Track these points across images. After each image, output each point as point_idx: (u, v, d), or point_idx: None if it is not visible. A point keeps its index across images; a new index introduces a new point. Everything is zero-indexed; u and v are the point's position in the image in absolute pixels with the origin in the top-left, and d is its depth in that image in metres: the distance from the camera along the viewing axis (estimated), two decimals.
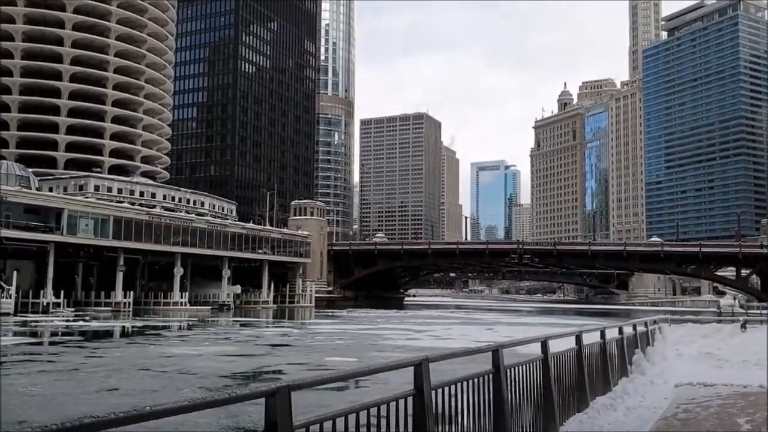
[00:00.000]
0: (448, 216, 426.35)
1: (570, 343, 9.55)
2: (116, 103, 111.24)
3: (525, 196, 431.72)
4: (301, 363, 25.06)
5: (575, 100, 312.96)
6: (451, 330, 46.89)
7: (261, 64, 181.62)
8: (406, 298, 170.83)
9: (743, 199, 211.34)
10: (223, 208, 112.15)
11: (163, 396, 16.78)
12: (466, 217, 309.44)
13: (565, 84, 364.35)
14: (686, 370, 13.67)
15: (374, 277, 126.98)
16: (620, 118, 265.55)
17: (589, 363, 9.74)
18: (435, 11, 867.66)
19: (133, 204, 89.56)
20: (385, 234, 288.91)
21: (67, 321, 52.58)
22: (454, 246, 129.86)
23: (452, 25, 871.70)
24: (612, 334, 11.56)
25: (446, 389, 5.44)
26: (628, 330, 13.01)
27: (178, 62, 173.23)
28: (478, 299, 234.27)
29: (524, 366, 7.46)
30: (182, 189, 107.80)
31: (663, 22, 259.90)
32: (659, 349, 15.06)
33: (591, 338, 11.38)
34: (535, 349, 8.10)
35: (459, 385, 5.76)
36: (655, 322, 16.61)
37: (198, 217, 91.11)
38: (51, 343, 36.39)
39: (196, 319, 63.44)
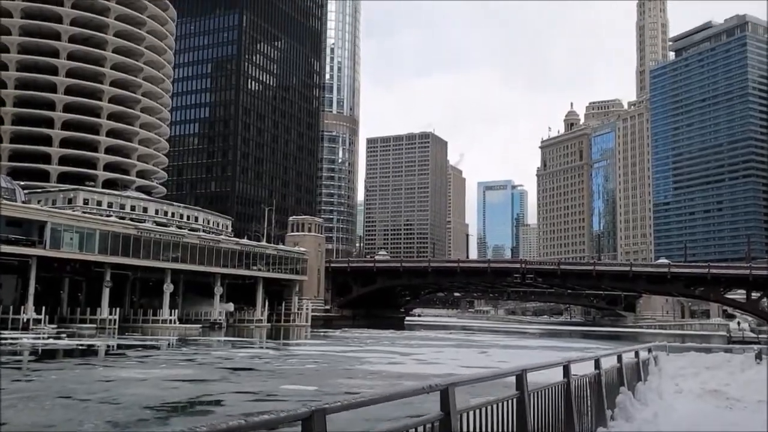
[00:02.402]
0: (454, 235, 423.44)
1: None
2: (112, 117, 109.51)
3: (532, 216, 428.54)
4: (250, 392, 22.41)
5: (582, 120, 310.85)
6: (442, 353, 43.99)
7: (265, 80, 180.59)
8: (409, 318, 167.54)
9: (753, 221, 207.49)
10: (218, 224, 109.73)
11: None
12: (467, 235, 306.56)
13: (571, 104, 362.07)
14: (687, 412, 10.93)
15: (374, 295, 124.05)
16: (627, 139, 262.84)
17: (542, 410, 6.97)
18: (447, 31, 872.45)
19: (123, 218, 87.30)
20: (390, 253, 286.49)
21: (38, 338, 49.91)
22: (455, 264, 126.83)
23: (463, 44, 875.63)
24: (585, 368, 8.81)
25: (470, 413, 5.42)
26: (610, 361, 10.24)
27: (182, 77, 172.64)
28: (483, 320, 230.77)
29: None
30: (175, 204, 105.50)
31: (670, 43, 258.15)
32: (654, 385, 12.28)
33: (568, 370, 8.67)
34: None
35: (483, 409, 5.68)
36: (650, 350, 13.76)
37: (190, 232, 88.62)
38: None
39: (177, 338, 60.64)
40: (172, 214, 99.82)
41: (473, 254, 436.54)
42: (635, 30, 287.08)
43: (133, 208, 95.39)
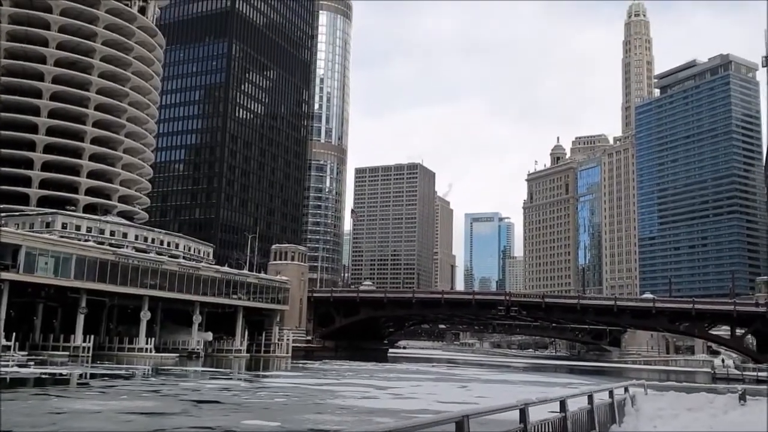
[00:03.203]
0: (441, 267, 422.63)
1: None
2: (95, 141, 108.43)
3: (519, 249, 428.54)
4: (207, 427, 21.19)
5: (568, 155, 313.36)
6: (420, 387, 42.71)
7: (254, 108, 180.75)
8: (393, 350, 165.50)
9: (737, 257, 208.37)
10: (199, 251, 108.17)
11: None
12: (452, 266, 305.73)
13: (558, 138, 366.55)
14: None
15: (357, 326, 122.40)
16: (613, 173, 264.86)
17: None
18: (438, 63, 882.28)
19: (102, 243, 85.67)
20: (376, 283, 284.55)
21: (5, 366, 48.09)
22: (440, 295, 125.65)
23: (455, 77, 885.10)
24: (545, 410, 7.89)
25: None
26: (579, 402, 9.32)
27: (170, 104, 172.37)
28: (469, 353, 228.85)
29: None
30: (156, 229, 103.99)
31: (655, 80, 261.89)
32: (629, 428, 11.36)
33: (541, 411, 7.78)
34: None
35: None
36: (626, 389, 12.85)
37: (169, 259, 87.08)
38: None
39: (151, 367, 58.88)
40: (152, 240, 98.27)
41: (460, 286, 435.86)
42: (621, 67, 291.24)
43: (112, 233, 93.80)
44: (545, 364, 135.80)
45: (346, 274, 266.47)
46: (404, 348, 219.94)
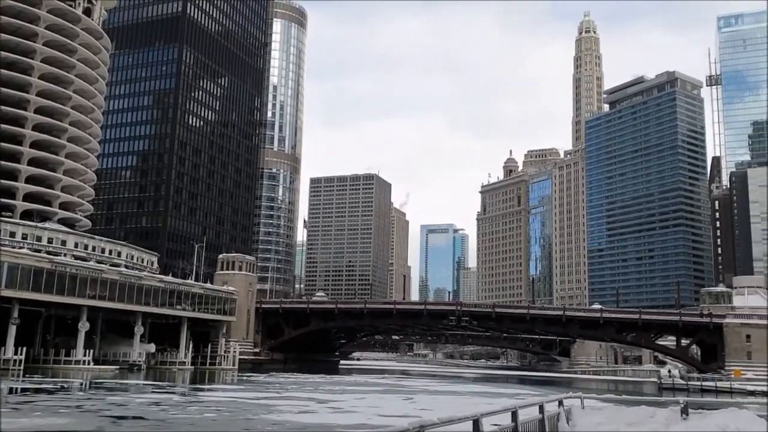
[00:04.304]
0: (396, 278, 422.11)
1: None
2: (34, 145, 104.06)
3: (473, 260, 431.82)
4: None
5: (520, 167, 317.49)
6: (364, 400, 41.42)
7: (204, 115, 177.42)
8: (346, 362, 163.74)
9: (683, 269, 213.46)
10: (143, 260, 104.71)
11: None
12: (404, 277, 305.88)
13: (510, 151, 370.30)
14: None
15: (307, 338, 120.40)
16: (564, 186, 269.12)
17: None
18: (398, 76, 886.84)
19: (39, 251, 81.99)
20: (331, 294, 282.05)
21: None
22: (391, 306, 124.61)
23: (413, 90, 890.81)
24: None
25: None
26: (505, 419, 8.25)
27: (118, 109, 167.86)
28: (422, 364, 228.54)
29: None
30: (97, 237, 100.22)
31: (605, 95, 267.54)
32: None
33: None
34: None
35: None
36: (560, 403, 11.88)
37: (110, 267, 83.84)
38: None
39: (85, 381, 56.04)
40: (93, 248, 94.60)
41: (415, 297, 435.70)
42: (572, 82, 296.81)
43: (50, 240, 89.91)
44: (497, 375, 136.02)
45: (299, 286, 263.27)
46: (358, 359, 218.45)
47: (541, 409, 10.35)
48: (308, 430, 22.77)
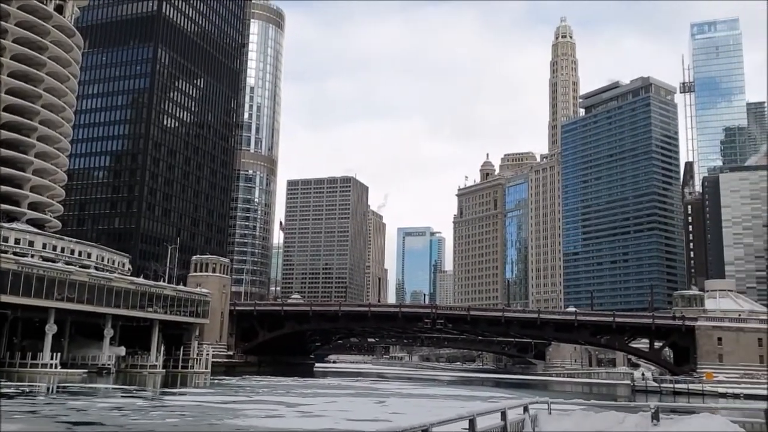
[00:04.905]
0: (373, 280, 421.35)
1: None
2: (2, 144, 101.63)
3: (450, 263, 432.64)
4: None
5: (497, 171, 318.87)
6: (335, 404, 40.76)
7: (180, 116, 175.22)
8: (321, 365, 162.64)
9: (656, 272, 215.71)
10: (114, 261, 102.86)
11: None
12: (379, 279, 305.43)
13: (487, 155, 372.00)
14: None
15: (282, 340, 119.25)
16: (540, 190, 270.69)
17: None
18: (377, 80, 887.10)
19: (5, 252, 79.98)
20: (307, 297, 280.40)
21: None
22: (366, 309, 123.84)
23: (391, 94, 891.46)
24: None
25: None
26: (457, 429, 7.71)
27: (92, 108, 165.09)
28: (398, 366, 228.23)
29: None
30: (66, 238, 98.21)
31: (581, 100, 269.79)
32: None
33: None
34: None
35: None
36: (525, 408, 11.42)
37: (79, 269, 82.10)
38: None
39: (51, 385, 54.62)
40: (62, 249, 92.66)
41: (392, 300, 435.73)
42: (549, 87, 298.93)
43: (17, 241, 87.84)
44: (472, 378, 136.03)
45: (275, 288, 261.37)
46: (334, 362, 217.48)
47: (504, 415, 9.87)
48: None
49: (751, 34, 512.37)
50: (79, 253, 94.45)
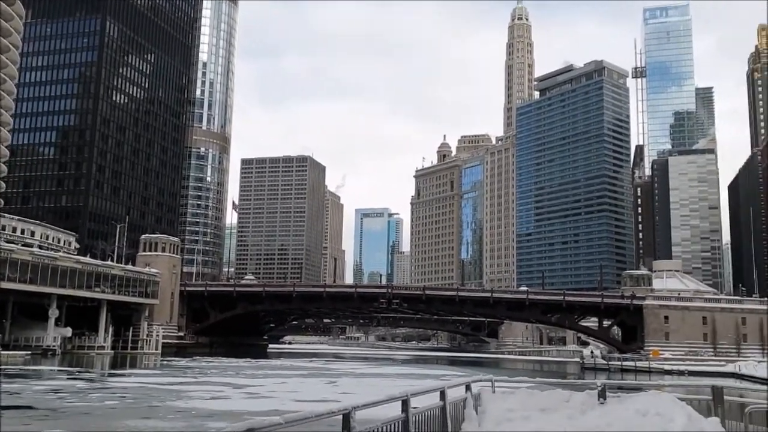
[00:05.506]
0: (330, 261, 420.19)
1: None
2: None
3: (407, 244, 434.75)
4: None
5: (454, 153, 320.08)
6: (284, 384, 40.15)
7: (129, 91, 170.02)
8: (275, 346, 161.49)
9: (606, 253, 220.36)
10: (59, 240, 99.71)
11: None
12: (335, 260, 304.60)
13: (444, 136, 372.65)
14: None
15: (235, 321, 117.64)
16: (495, 172, 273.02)
17: None
18: (334, 59, 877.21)
19: None
20: (263, 278, 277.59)
21: None
22: (321, 289, 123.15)
23: (351, 74, 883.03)
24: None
25: None
26: (389, 412, 7.09)
27: (37, 81, 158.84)
28: (354, 346, 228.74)
29: None
30: (8, 216, 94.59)
31: (536, 83, 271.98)
32: None
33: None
34: None
35: None
36: (467, 387, 10.95)
37: (21, 248, 79.12)
38: None
39: None
40: (3, 227, 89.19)
41: (349, 280, 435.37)
42: (504, 69, 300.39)
43: None
44: (427, 356, 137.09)
45: (228, 269, 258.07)
46: (289, 343, 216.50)
47: (443, 395, 9.34)
48: (215, 419, 21.34)
49: (701, 19, 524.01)
50: (22, 231, 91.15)
